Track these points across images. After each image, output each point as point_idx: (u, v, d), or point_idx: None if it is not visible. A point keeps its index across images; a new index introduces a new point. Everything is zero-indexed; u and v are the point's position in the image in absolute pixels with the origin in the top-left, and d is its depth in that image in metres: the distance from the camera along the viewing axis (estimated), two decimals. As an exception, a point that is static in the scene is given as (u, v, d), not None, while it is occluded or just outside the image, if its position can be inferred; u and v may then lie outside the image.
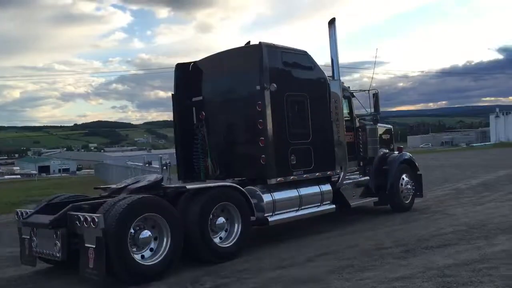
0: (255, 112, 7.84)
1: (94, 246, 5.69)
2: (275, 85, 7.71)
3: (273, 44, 8.14)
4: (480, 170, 19.49)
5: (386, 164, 10.21)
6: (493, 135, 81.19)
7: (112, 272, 5.74)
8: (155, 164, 12.98)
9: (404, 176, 10.30)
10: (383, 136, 10.96)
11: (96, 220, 5.69)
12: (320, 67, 8.82)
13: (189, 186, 7.08)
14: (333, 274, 5.81)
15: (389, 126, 11.90)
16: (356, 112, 10.25)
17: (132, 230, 5.98)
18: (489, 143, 72.33)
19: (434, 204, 10.94)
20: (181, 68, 9.04)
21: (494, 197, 11.59)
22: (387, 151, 10.82)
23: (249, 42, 9.17)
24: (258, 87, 7.76)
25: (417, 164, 10.85)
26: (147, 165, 15.36)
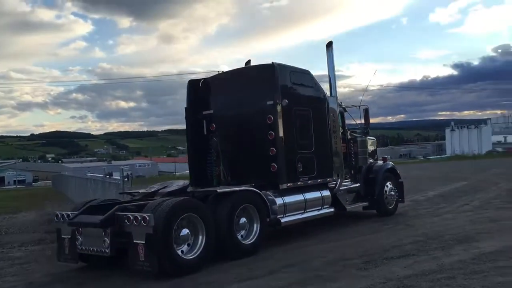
0: (265, 125, 8.64)
1: (143, 242, 6.38)
2: (286, 100, 8.59)
3: (283, 64, 9.00)
4: (437, 182, 20.10)
5: (372, 173, 11.14)
6: (449, 148, 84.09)
7: (157, 266, 6.35)
8: (116, 175, 12.75)
9: (388, 183, 11.21)
10: (370, 148, 11.84)
11: (147, 218, 6.38)
12: (320, 85, 9.80)
13: (219, 190, 7.85)
14: (296, 286, 5.84)
15: (373, 138, 12.60)
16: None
17: (176, 228, 6.70)
18: (445, 155, 74.74)
19: (394, 215, 11.16)
20: (193, 84, 9.78)
21: (450, 208, 11.97)
22: (373, 160, 11.72)
23: (249, 61, 10.37)
24: (270, 102, 8.61)
25: (399, 172, 11.79)
26: (107, 176, 15.06)
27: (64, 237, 7.50)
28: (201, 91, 9.79)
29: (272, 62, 8.80)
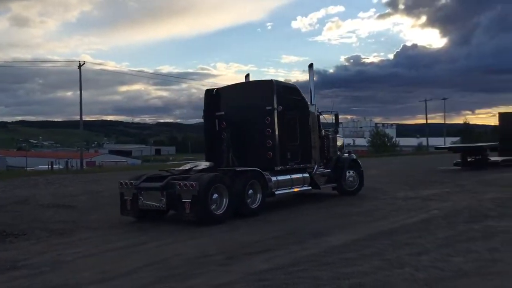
0: (264, 124, 11.87)
1: (190, 201, 9.48)
2: (281, 107, 11.79)
3: (279, 81, 12.70)
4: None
5: (340, 163, 14.37)
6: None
7: (198, 217, 9.56)
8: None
9: (349, 171, 14.42)
10: (339, 143, 15.05)
11: (194, 185, 9.49)
12: (304, 96, 13.15)
13: (237, 169, 11.03)
14: (158, 284, 5.75)
15: (342, 136, 16.33)
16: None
17: (211, 194, 9.75)
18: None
19: (261, 212, 11.49)
20: (209, 92, 13.01)
21: (308, 205, 12.74)
22: (340, 153, 14.91)
23: (248, 74, 14.21)
24: (269, 107, 11.81)
25: (360, 163, 14.94)
26: None
27: (126, 198, 10.56)
28: (214, 97, 12.97)
29: (271, 79, 12.24)
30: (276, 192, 11.76)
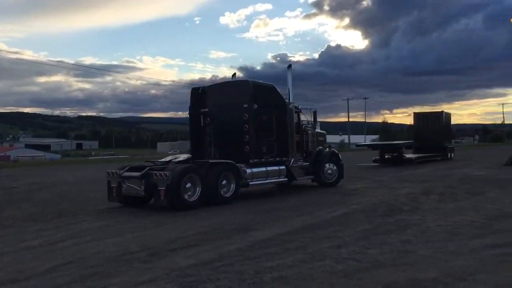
0: (242, 120, 12.88)
1: (164, 188, 10.66)
2: (256, 105, 12.87)
3: (255, 81, 13.80)
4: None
5: (320, 156, 15.53)
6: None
7: (171, 203, 10.82)
8: None
9: (328, 164, 15.62)
10: (320, 138, 16.40)
11: (168, 175, 10.70)
12: (282, 94, 14.26)
13: (210, 161, 12.20)
14: (76, 283, 5.53)
15: (324, 132, 17.43)
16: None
17: (184, 183, 10.90)
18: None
19: (186, 209, 11.42)
20: (194, 90, 14.13)
21: (239, 201, 12.80)
22: (321, 147, 16.08)
23: (235, 74, 15.96)
24: (246, 105, 12.87)
25: (340, 157, 16.21)
26: None
27: (113, 186, 11.75)
28: (200, 95, 13.97)
29: (247, 80, 13.87)
30: (251, 183, 12.91)
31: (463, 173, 20.50)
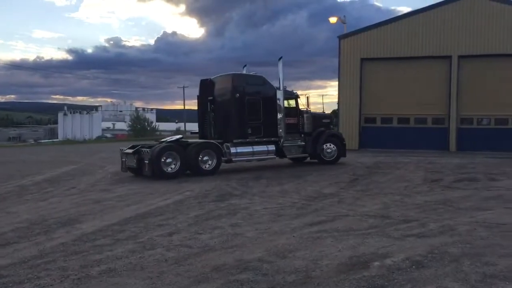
0: (230, 106, 15.89)
1: (148, 162, 14.08)
2: (238, 94, 15.60)
3: (239, 74, 16.96)
4: (46, 166, 19.72)
5: (320, 137, 17.55)
6: (61, 133, 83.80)
7: (154, 174, 14.00)
8: None
9: (327, 144, 17.74)
10: (324, 121, 18.56)
11: (149, 151, 14.18)
12: (271, 83, 16.78)
13: (190, 141, 15.53)
14: None
15: (329, 114, 20.96)
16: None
17: (163, 158, 14.15)
18: (57, 140, 74.12)
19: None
20: (203, 81, 17.09)
21: (57, 192, 11.94)
22: (323, 129, 17.94)
23: (245, 65, 18.78)
24: (230, 94, 15.79)
25: (343, 136, 18.77)
26: None
27: (123, 160, 15.25)
28: (207, 85, 16.80)
29: (230, 74, 16.30)
30: (234, 159, 15.60)
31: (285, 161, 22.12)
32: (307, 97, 18.51)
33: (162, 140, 15.87)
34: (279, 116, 16.50)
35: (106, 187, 12.74)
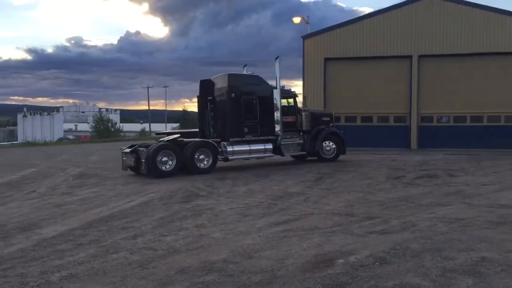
0: (226, 106, 16.29)
1: (144, 161, 14.47)
2: (233, 94, 16.00)
3: (236, 74, 17.08)
4: (5, 169, 19.09)
5: (319, 134, 17.77)
6: (21, 134, 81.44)
7: (150, 172, 14.42)
8: None
9: (326, 142, 18.00)
10: (323, 119, 18.58)
11: (145, 151, 14.56)
12: (267, 82, 17.11)
13: (185, 140, 15.51)
14: None
15: (330, 112, 19.96)
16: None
17: (159, 157, 14.52)
18: (16, 142, 71.95)
19: None
20: (203, 82, 17.27)
21: (17, 196, 11.58)
22: (323, 127, 18.13)
23: (245, 65, 18.75)
24: (225, 94, 16.19)
25: (342, 135, 18.66)
26: None
27: (123, 159, 15.74)
28: (207, 86, 17.07)
29: (226, 74, 16.49)
30: (231, 157, 15.90)
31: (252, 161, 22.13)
32: (304, 97, 19.22)
33: (161, 139, 16.00)
34: (276, 114, 16.86)
35: (68, 190, 12.42)
